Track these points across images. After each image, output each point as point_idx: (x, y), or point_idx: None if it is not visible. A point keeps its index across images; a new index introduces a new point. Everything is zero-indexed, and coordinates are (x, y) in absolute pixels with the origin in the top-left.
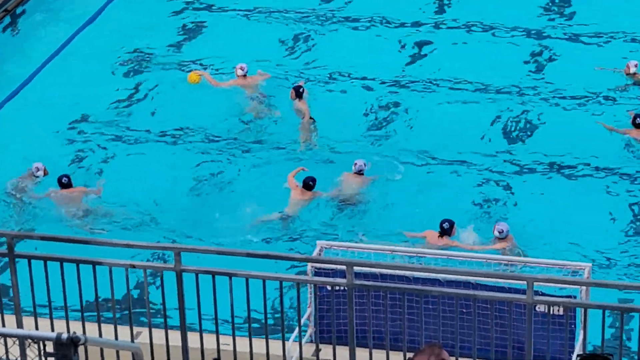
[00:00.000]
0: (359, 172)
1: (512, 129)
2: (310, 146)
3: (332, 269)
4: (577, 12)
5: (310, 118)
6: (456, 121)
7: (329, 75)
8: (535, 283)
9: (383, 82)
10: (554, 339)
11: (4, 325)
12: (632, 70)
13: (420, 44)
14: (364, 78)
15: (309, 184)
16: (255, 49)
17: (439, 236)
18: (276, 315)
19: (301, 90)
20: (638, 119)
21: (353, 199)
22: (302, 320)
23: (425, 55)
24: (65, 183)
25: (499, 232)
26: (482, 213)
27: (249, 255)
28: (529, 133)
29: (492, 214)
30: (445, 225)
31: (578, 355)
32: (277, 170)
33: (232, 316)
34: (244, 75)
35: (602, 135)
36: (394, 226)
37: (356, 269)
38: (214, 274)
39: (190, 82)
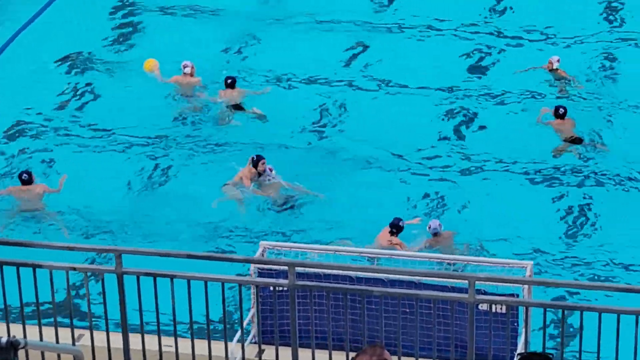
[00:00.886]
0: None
1: (455, 128)
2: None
3: (275, 270)
4: (512, 11)
5: (239, 108)
6: (400, 120)
7: (273, 77)
8: (477, 282)
9: (325, 83)
10: (496, 337)
11: None
12: (555, 65)
13: (361, 44)
14: (307, 78)
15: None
16: (196, 49)
17: (389, 233)
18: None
19: (229, 81)
20: (561, 109)
21: (278, 200)
22: (246, 321)
23: (367, 55)
24: (25, 180)
25: (429, 228)
26: (425, 212)
27: (190, 256)
28: (471, 132)
29: (435, 213)
30: (402, 223)
31: (518, 354)
32: (215, 169)
33: (174, 318)
34: (191, 74)
35: (542, 134)
36: (339, 226)
37: (299, 269)
38: (155, 275)
39: (146, 69)
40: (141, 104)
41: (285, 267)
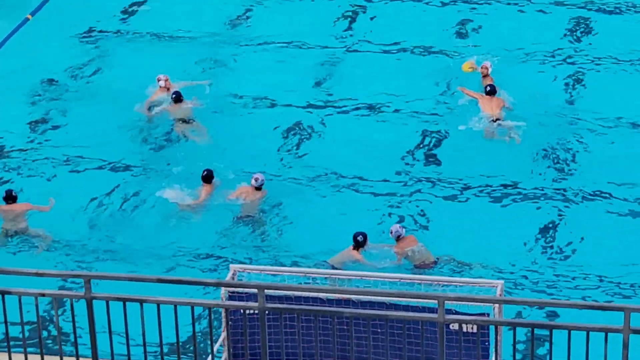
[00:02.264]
0: (259, 187)
1: (423, 147)
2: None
3: (246, 293)
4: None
5: (187, 121)
6: (369, 140)
7: (236, 96)
8: (447, 301)
9: (293, 104)
10: (467, 356)
11: None
12: (485, 71)
13: (326, 66)
14: (272, 100)
15: (208, 177)
16: (164, 71)
17: (352, 248)
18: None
19: (174, 95)
20: (489, 87)
21: (253, 213)
22: (216, 345)
23: (334, 76)
24: (11, 197)
25: (391, 234)
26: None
27: (159, 280)
28: (440, 151)
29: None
30: (360, 238)
31: None
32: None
33: (144, 343)
34: (167, 87)
35: (512, 152)
36: (307, 246)
37: (269, 292)
38: (124, 300)
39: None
40: (109, 128)
41: (256, 290)
